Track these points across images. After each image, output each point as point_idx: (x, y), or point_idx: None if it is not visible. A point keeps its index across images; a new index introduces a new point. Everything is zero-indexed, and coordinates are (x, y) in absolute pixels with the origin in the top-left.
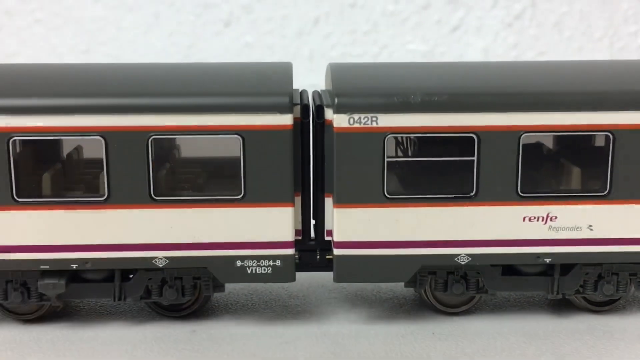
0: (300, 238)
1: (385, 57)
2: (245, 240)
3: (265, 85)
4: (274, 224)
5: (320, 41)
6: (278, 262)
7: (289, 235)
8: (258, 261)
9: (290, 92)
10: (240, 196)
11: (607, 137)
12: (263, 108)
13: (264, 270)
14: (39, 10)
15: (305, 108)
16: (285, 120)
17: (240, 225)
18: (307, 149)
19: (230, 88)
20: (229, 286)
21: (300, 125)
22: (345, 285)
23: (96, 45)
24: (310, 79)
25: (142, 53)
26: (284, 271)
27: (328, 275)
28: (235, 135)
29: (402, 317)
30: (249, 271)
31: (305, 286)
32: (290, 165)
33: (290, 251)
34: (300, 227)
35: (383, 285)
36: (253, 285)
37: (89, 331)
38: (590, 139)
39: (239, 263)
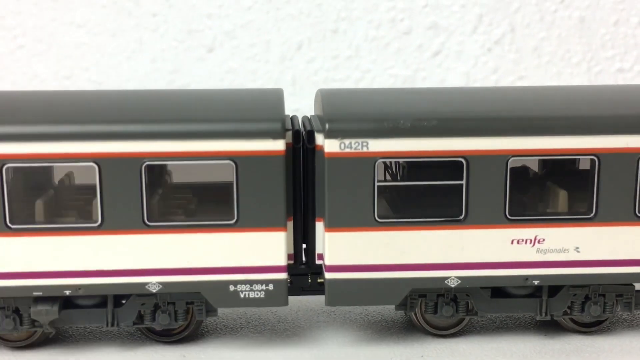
0: (292, 262)
1: (367, 82)
2: (239, 265)
3: (258, 111)
4: (267, 248)
5: (303, 66)
6: (271, 287)
7: (281, 260)
8: (251, 285)
9: (283, 118)
10: (233, 221)
11: (592, 160)
12: (256, 134)
13: (257, 294)
14: (22, 36)
15: (297, 133)
16: (278, 145)
17: (233, 250)
18: (299, 174)
19: (223, 114)
20: (218, 310)
21: (292, 150)
22: (333, 308)
23: (79, 71)
24: (293, 104)
25: (125, 79)
26: (277, 295)
27: (317, 299)
28: (229, 161)
29: (391, 340)
30: (242, 295)
31: (294, 310)
32: (282, 190)
33: (283, 275)
34: (292, 252)
35: (371, 308)
36: (242, 309)
37: (79, 356)
38: (576, 162)
39: (232, 288)
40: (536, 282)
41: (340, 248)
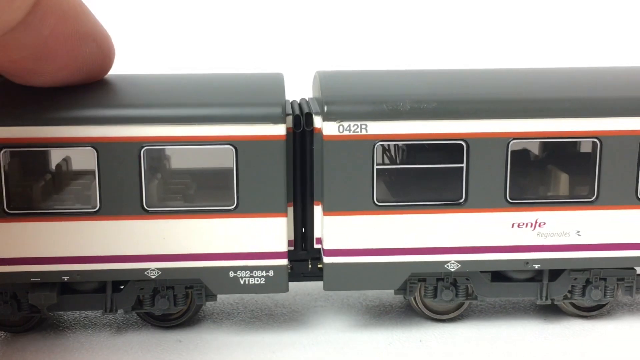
0: (292, 248)
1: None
2: (239, 251)
3: (258, 96)
4: (267, 234)
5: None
6: (271, 273)
7: (282, 246)
8: (251, 272)
9: (283, 103)
10: (233, 207)
11: (594, 143)
12: (256, 119)
13: (257, 280)
14: None
15: (297, 118)
16: (278, 130)
17: (233, 236)
18: (299, 158)
19: (223, 99)
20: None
21: (293, 135)
22: (331, 293)
23: None
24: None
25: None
26: (277, 281)
27: (315, 284)
28: (228, 146)
29: (389, 324)
30: (242, 282)
31: (292, 295)
32: (283, 175)
33: (283, 261)
34: (292, 237)
35: (369, 292)
36: (240, 294)
37: (73, 340)
38: (577, 145)
39: (232, 274)
40: (537, 266)
41: (338, 232)
